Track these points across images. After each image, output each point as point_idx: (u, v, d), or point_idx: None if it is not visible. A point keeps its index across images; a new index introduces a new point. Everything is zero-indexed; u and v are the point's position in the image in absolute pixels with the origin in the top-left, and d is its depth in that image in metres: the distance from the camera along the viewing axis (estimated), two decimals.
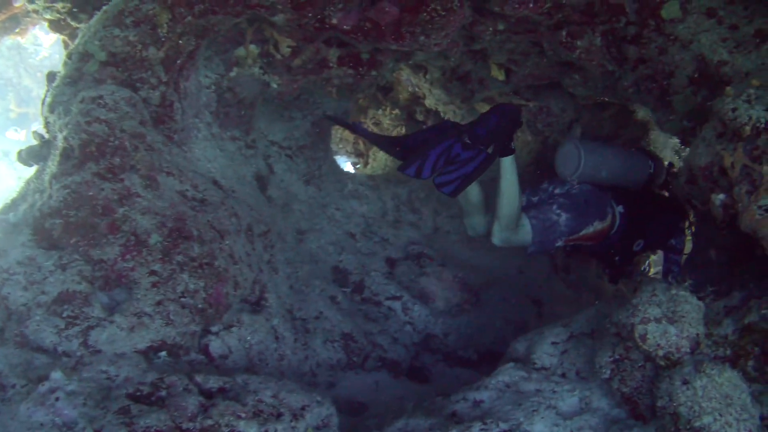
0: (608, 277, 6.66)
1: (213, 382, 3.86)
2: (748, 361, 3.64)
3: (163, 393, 3.69)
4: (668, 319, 3.67)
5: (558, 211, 5.90)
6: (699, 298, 3.81)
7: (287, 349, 5.11)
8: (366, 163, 9.83)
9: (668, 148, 7.51)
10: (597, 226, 6.01)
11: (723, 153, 3.93)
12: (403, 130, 9.02)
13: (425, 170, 5.35)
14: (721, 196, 4.10)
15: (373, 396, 5.54)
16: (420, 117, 8.76)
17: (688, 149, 5.03)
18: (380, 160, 9.22)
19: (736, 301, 4.02)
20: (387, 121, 9.01)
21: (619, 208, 6.19)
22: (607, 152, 6.24)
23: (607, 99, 6.28)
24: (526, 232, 5.79)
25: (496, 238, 5.83)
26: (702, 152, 4.27)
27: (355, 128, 6.42)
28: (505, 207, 5.68)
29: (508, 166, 5.67)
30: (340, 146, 10.09)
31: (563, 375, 4.36)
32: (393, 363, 6.05)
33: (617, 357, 3.91)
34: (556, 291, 7.87)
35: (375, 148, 9.40)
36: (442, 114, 7.98)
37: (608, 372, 3.94)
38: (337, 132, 9.74)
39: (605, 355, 3.97)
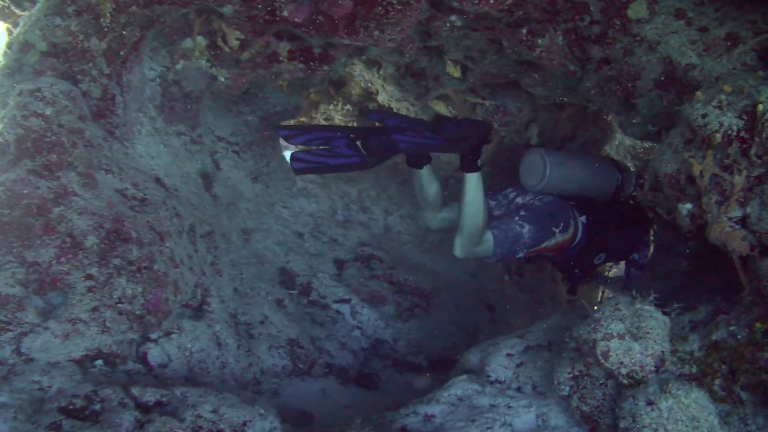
0: (567, 289, 6.51)
1: (150, 395, 3.68)
2: (715, 380, 3.50)
3: (98, 407, 3.50)
4: (632, 335, 3.53)
5: (521, 222, 5.73)
6: (664, 313, 3.68)
7: (230, 357, 4.93)
8: None
9: (629, 154, 7.42)
10: (559, 238, 5.86)
11: (691, 161, 3.78)
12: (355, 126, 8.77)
13: (389, 121, 5.34)
14: (689, 206, 3.95)
15: (319, 404, 5.38)
16: None
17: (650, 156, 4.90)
18: None
19: (703, 316, 3.88)
20: (338, 117, 8.82)
21: (582, 219, 6.06)
22: (574, 163, 6.12)
23: (567, 99, 6.12)
24: (488, 245, 5.63)
25: (458, 251, 5.63)
26: (668, 159, 4.11)
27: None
28: (468, 223, 5.52)
29: (473, 183, 5.50)
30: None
31: (519, 389, 4.23)
32: (341, 369, 5.89)
33: (577, 373, 3.77)
34: (510, 295, 7.75)
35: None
36: (394, 111, 7.70)
37: (567, 389, 3.79)
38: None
39: (564, 371, 3.82)
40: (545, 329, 4.60)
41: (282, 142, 7.65)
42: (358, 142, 5.41)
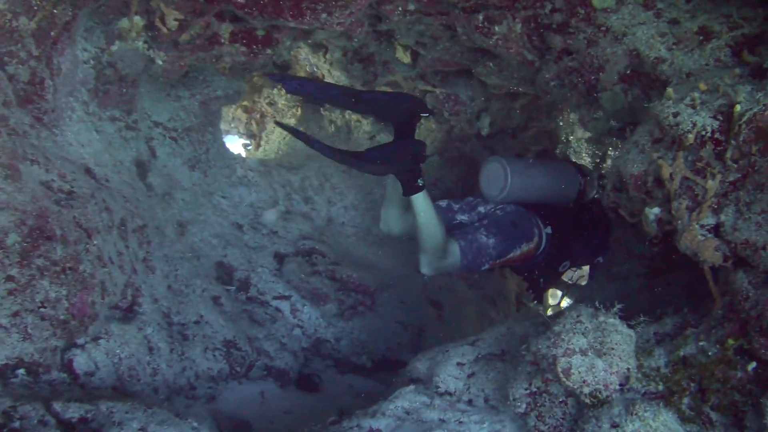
0: (532, 297, 6.29)
1: (73, 411, 3.40)
2: (683, 398, 3.29)
3: (17, 424, 3.23)
4: (595, 351, 3.31)
5: (486, 233, 5.57)
6: (629, 326, 3.46)
7: (162, 362, 4.67)
8: (258, 145, 9.52)
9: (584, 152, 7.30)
10: (524, 248, 5.71)
11: (660, 162, 3.55)
12: (299, 112, 8.71)
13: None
14: (656, 210, 3.72)
15: (258, 410, 5.20)
16: None
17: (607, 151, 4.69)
18: (273, 142, 8.93)
19: (669, 329, 3.68)
20: (282, 102, 8.72)
21: (547, 230, 5.91)
22: (535, 171, 5.96)
23: (522, 90, 5.93)
24: (455, 257, 5.45)
25: (426, 269, 5.50)
26: (634, 158, 3.87)
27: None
28: (428, 240, 5.37)
29: (420, 203, 5.32)
30: (232, 126, 9.75)
31: (470, 402, 4.00)
32: (280, 372, 5.72)
33: (534, 390, 3.54)
34: (458, 292, 7.61)
35: (269, 129, 9.14)
36: None
37: (523, 406, 3.57)
38: (230, 110, 9.43)
39: (520, 387, 3.60)
40: (498, 337, 4.38)
41: (222, 127, 7.39)
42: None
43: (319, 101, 5.05)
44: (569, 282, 6.29)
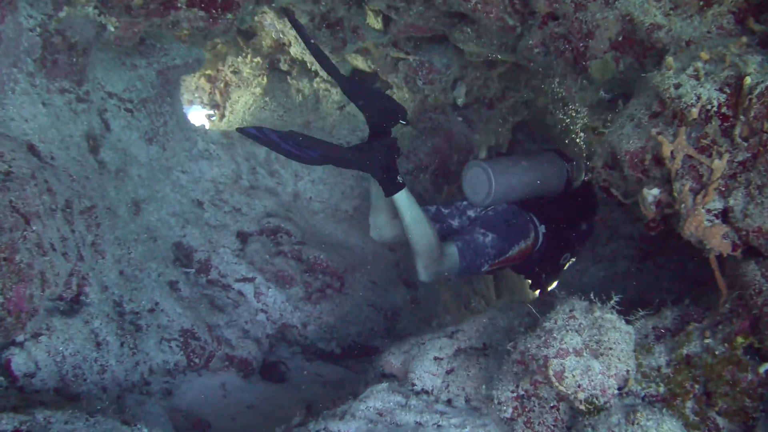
0: (538, 292, 6.38)
1: (6, 423, 3.06)
2: (687, 402, 3.03)
3: None
4: (591, 351, 3.02)
5: (482, 232, 5.55)
6: (627, 322, 3.16)
7: (111, 358, 4.33)
8: (222, 116, 9.26)
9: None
10: (522, 245, 5.72)
11: (660, 138, 3.25)
12: (265, 80, 8.47)
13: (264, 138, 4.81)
14: (655, 191, 3.44)
15: (218, 405, 4.93)
16: (284, 67, 8.33)
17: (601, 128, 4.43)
18: (238, 112, 8.65)
19: (669, 323, 3.39)
20: (247, 70, 8.53)
21: (542, 228, 5.89)
22: (518, 169, 5.80)
23: (501, 58, 5.70)
24: (453, 259, 5.39)
25: (424, 275, 5.39)
26: (629, 133, 3.59)
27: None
28: (420, 242, 5.30)
29: (403, 202, 5.27)
30: (196, 95, 9.50)
31: (449, 402, 3.71)
32: (243, 362, 5.39)
33: (522, 393, 3.25)
34: None
35: (233, 98, 8.88)
36: (308, 65, 7.60)
37: (509, 410, 3.28)
38: (192, 80, 9.23)
39: (506, 389, 3.30)
40: (479, 328, 4.08)
41: (185, 97, 7.38)
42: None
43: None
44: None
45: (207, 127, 8.77)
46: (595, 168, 4.07)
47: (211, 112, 9.54)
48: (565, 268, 6.20)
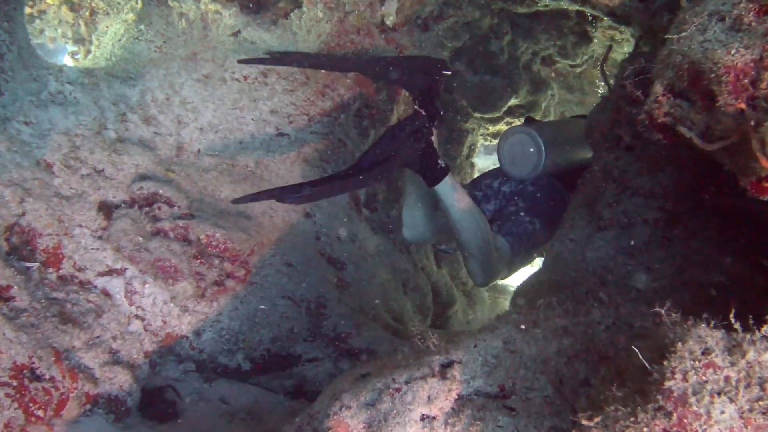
0: None
1: None
2: None
3: None
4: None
5: (529, 219, 5.39)
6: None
7: None
8: (88, 52, 8.10)
9: None
10: None
11: None
12: (139, 4, 7.35)
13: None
14: None
15: None
16: None
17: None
18: (106, 46, 7.33)
19: None
20: None
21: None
22: (565, 137, 5.75)
23: None
24: (504, 255, 5.23)
25: (480, 278, 5.20)
26: (724, 39, 2.54)
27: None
28: (473, 240, 5.00)
29: (448, 192, 4.93)
30: (58, 30, 8.55)
31: None
32: (111, 401, 4.10)
33: None
34: (360, 240, 6.44)
35: (101, 29, 7.73)
36: None
37: None
38: (53, 9, 8.35)
39: None
40: (488, 359, 2.67)
41: (47, 34, 7.30)
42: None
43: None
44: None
45: (71, 65, 7.79)
46: (650, 96, 2.90)
47: (75, 48, 8.55)
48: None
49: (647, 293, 3.09)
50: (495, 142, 10.29)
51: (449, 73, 5.13)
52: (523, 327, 2.77)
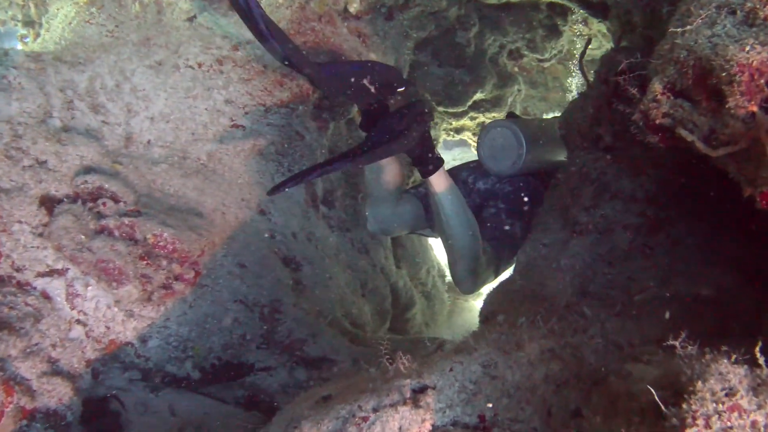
0: None
1: None
2: None
3: None
4: None
5: (509, 221, 5.29)
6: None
7: None
8: (37, 35, 7.88)
9: None
10: None
11: None
12: None
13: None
14: None
15: None
16: None
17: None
18: (56, 29, 7.02)
19: None
20: None
21: None
22: (546, 135, 5.64)
23: None
24: (491, 258, 5.10)
25: (469, 284, 5.00)
26: (735, 35, 2.33)
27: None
28: (462, 240, 4.83)
29: (443, 185, 4.78)
30: (8, 13, 8.28)
31: None
32: (50, 415, 3.82)
33: None
34: (318, 239, 6.20)
35: (51, 11, 7.41)
36: None
37: None
38: None
39: None
40: (465, 384, 2.43)
41: None
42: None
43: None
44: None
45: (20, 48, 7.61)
46: (647, 94, 2.68)
47: (24, 32, 8.23)
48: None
49: (632, 306, 2.84)
50: (458, 137, 10.15)
51: (402, 89, 4.90)
52: (505, 350, 2.53)
